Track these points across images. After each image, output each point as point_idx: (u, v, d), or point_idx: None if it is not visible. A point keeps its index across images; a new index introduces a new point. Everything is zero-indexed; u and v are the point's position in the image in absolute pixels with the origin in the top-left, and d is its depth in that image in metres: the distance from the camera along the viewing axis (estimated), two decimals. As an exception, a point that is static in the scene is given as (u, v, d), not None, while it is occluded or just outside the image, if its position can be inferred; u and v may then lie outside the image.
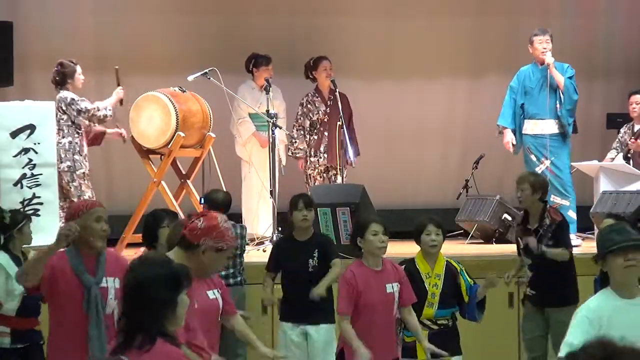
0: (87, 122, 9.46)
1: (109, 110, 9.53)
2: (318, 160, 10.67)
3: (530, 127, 10.17)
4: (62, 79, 9.50)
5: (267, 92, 9.97)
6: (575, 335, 4.24)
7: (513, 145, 10.18)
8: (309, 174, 10.75)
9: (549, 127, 10.09)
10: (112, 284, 5.39)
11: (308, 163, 10.74)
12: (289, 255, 7.15)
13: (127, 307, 3.60)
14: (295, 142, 10.69)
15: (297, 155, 10.74)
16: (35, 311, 6.97)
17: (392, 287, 6.18)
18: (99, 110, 9.47)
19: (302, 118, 10.77)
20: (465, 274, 6.74)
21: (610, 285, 4.42)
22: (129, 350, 3.50)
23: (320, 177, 10.69)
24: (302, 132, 10.76)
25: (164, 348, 3.51)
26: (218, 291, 5.06)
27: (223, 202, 7.64)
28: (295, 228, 7.16)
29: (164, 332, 3.54)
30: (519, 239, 7.53)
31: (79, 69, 9.57)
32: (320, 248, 7.08)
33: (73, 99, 9.41)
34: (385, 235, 6.17)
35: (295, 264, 7.08)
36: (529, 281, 7.42)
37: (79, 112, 9.39)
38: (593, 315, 4.32)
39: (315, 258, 7.01)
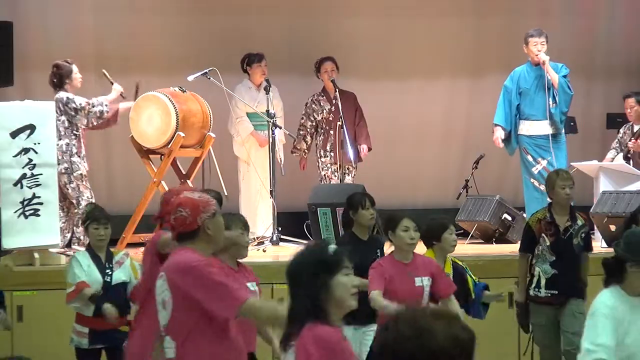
0: (85, 121, 9.44)
1: (106, 105, 9.49)
2: (327, 159, 10.69)
3: (526, 127, 10.16)
4: (60, 80, 9.50)
5: (267, 92, 9.98)
6: (603, 334, 4.27)
7: (502, 140, 10.18)
8: (324, 175, 10.74)
9: (545, 127, 10.08)
10: None
11: (320, 163, 10.74)
12: (358, 254, 7.07)
13: (290, 294, 3.72)
14: (295, 141, 10.71)
15: (295, 154, 10.75)
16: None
17: (422, 281, 6.28)
18: (93, 106, 9.43)
19: (304, 118, 10.79)
20: (470, 272, 6.82)
21: (623, 286, 4.46)
22: (296, 335, 3.60)
23: (335, 175, 10.69)
24: (302, 131, 10.77)
25: (323, 331, 3.58)
26: (255, 284, 5.14)
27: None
28: (359, 226, 7.12)
29: (325, 315, 3.62)
30: (543, 235, 7.55)
31: (75, 68, 9.55)
32: (379, 247, 7.08)
33: (68, 98, 9.41)
34: (416, 232, 6.34)
35: (363, 262, 6.95)
36: (548, 279, 7.49)
37: (76, 110, 9.38)
38: (613, 313, 4.36)
39: (378, 257, 6.94)
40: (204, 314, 4.51)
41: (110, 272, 6.89)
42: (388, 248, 6.65)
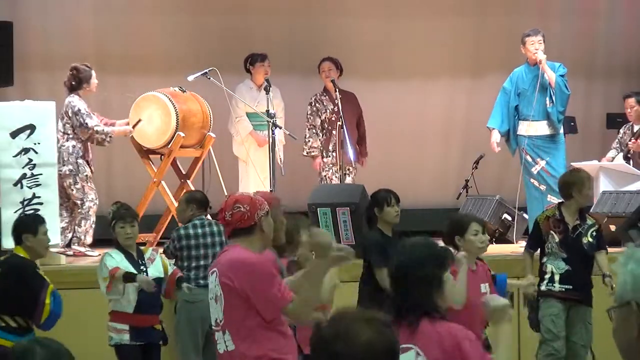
0: (83, 138, 9.41)
1: (110, 137, 9.46)
2: (330, 160, 10.70)
3: (525, 128, 10.15)
4: (78, 83, 9.45)
5: (268, 92, 9.97)
6: None
7: (498, 144, 10.17)
8: (324, 175, 10.72)
9: (543, 127, 10.07)
10: None
11: (322, 164, 10.73)
12: (389, 250, 7.07)
13: (396, 288, 3.76)
14: (309, 141, 10.67)
15: (313, 154, 10.70)
16: (153, 308, 7.02)
17: (485, 287, 6.18)
18: (97, 132, 9.40)
19: (312, 117, 10.75)
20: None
21: None
22: (400, 329, 3.61)
23: (336, 177, 10.68)
24: (314, 130, 10.74)
25: (433, 326, 3.63)
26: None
27: (203, 201, 7.99)
28: (384, 224, 7.10)
29: (434, 309, 3.67)
30: (552, 232, 7.57)
31: (93, 73, 9.55)
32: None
33: (79, 110, 9.35)
34: (484, 234, 6.18)
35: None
36: (562, 275, 7.51)
37: (81, 125, 9.36)
38: None
39: None
40: (256, 310, 4.68)
41: (145, 269, 6.99)
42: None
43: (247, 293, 4.66)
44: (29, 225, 6.74)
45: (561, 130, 10.14)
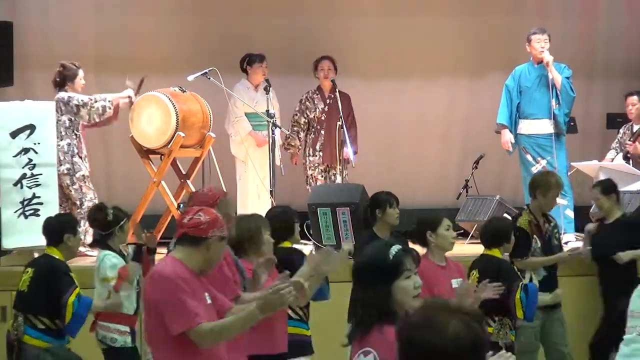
0: (87, 117, 9.42)
1: (108, 102, 9.47)
2: (315, 159, 10.69)
3: (526, 126, 10.15)
4: (62, 80, 9.49)
5: (267, 92, 9.97)
6: None
7: (511, 144, 10.18)
8: (310, 174, 10.74)
9: (545, 126, 10.08)
10: None
11: (307, 162, 10.74)
12: None
13: (353, 290, 3.73)
14: (289, 137, 10.69)
15: (289, 150, 10.73)
16: None
17: (457, 283, 6.22)
18: (96, 101, 9.43)
19: (298, 114, 10.78)
20: None
21: None
22: (358, 335, 3.61)
23: (322, 176, 10.69)
24: (296, 128, 10.77)
25: (386, 331, 3.56)
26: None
27: None
28: (383, 225, 7.13)
29: (388, 314, 3.60)
30: (535, 236, 7.56)
31: (81, 72, 9.53)
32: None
33: (70, 97, 9.40)
34: (454, 231, 6.31)
35: None
36: (540, 282, 7.53)
37: (78, 107, 9.37)
38: None
39: None
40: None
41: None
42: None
43: (158, 306, 4.50)
44: (71, 225, 6.77)
45: (565, 132, 10.16)
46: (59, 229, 6.72)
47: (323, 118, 10.67)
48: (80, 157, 9.46)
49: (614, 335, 5.27)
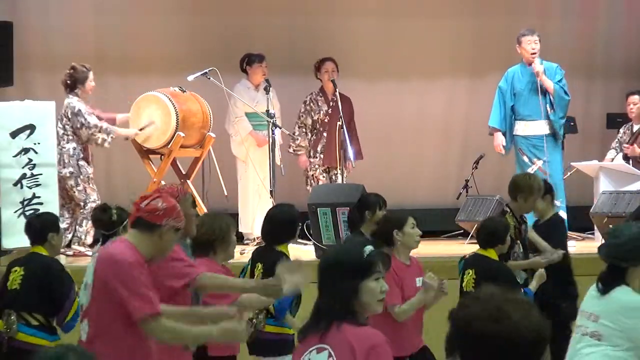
0: (84, 139, 9.41)
1: (111, 138, 9.46)
2: (316, 160, 10.69)
3: (521, 128, 10.15)
4: (73, 83, 9.46)
5: (267, 92, 9.97)
6: None
7: (503, 147, 10.17)
8: (311, 175, 10.73)
9: (540, 127, 10.07)
10: None
11: (309, 163, 10.74)
12: None
13: (319, 290, 3.65)
14: (297, 139, 10.68)
15: (299, 152, 10.72)
16: None
17: (420, 281, 6.25)
18: (99, 131, 9.39)
19: (304, 116, 10.76)
20: None
21: (633, 286, 4.67)
22: (314, 333, 3.57)
23: (323, 176, 10.68)
24: (304, 129, 10.75)
25: (346, 330, 3.53)
26: None
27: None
28: (371, 226, 7.12)
29: (350, 314, 3.56)
30: (518, 241, 7.53)
31: (91, 75, 9.52)
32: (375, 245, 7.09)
33: (80, 111, 9.35)
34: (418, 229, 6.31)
35: None
36: (522, 285, 7.50)
37: (82, 125, 9.36)
38: None
39: None
40: (121, 308, 4.41)
41: None
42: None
43: (112, 288, 4.39)
44: (54, 223, 6.77)
45: (561, 133, 10.16)
46: (42, 228, 6.71)
47: (326, 120, 10.67)
48: (86, 161, 9.48)
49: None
